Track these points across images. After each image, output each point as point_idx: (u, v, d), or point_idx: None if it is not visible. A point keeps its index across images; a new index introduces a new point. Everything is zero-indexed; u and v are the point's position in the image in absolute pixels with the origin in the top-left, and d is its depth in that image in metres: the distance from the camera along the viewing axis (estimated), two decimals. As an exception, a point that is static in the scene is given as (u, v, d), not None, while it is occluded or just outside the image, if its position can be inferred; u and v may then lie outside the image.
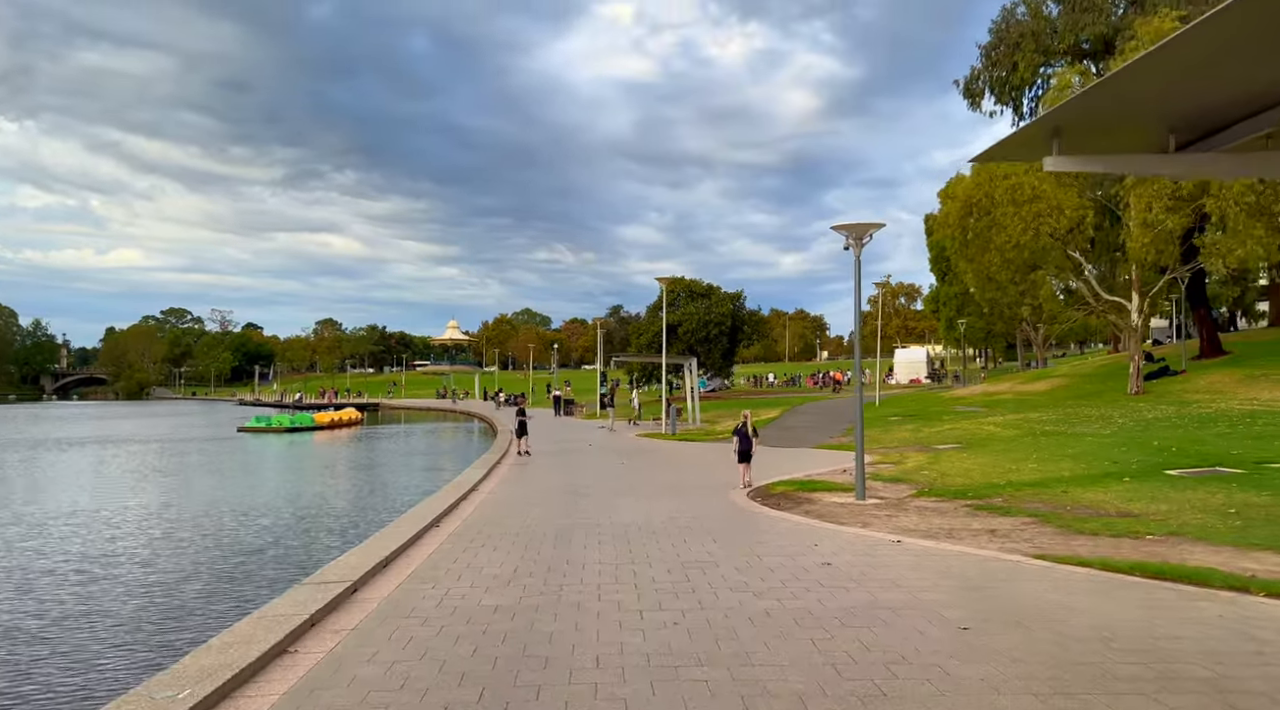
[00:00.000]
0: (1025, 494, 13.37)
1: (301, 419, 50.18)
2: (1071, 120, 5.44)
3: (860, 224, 13.36)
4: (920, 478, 16.19)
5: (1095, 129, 5.59)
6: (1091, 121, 5.48)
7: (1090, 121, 5.49)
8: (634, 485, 16.15)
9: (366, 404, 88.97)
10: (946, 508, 12.62)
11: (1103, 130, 5.61)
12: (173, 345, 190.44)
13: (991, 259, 32.26)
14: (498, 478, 17.69)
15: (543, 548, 9.81)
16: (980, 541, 10.00)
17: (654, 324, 57.49)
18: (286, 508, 20.36)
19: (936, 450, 20.96)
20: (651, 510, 12.75)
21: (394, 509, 18.36)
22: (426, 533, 10.91)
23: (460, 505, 13.51)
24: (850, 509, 12.67)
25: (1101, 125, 5.54)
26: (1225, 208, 27.36)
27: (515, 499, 14.36)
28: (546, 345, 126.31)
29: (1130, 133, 5.57)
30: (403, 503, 19.35)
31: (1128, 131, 5.58)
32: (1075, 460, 16.53)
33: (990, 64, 45.91)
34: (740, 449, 15.38)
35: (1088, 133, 5.63)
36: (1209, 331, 40.82)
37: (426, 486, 22.69)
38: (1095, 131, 5.62)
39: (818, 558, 9.03)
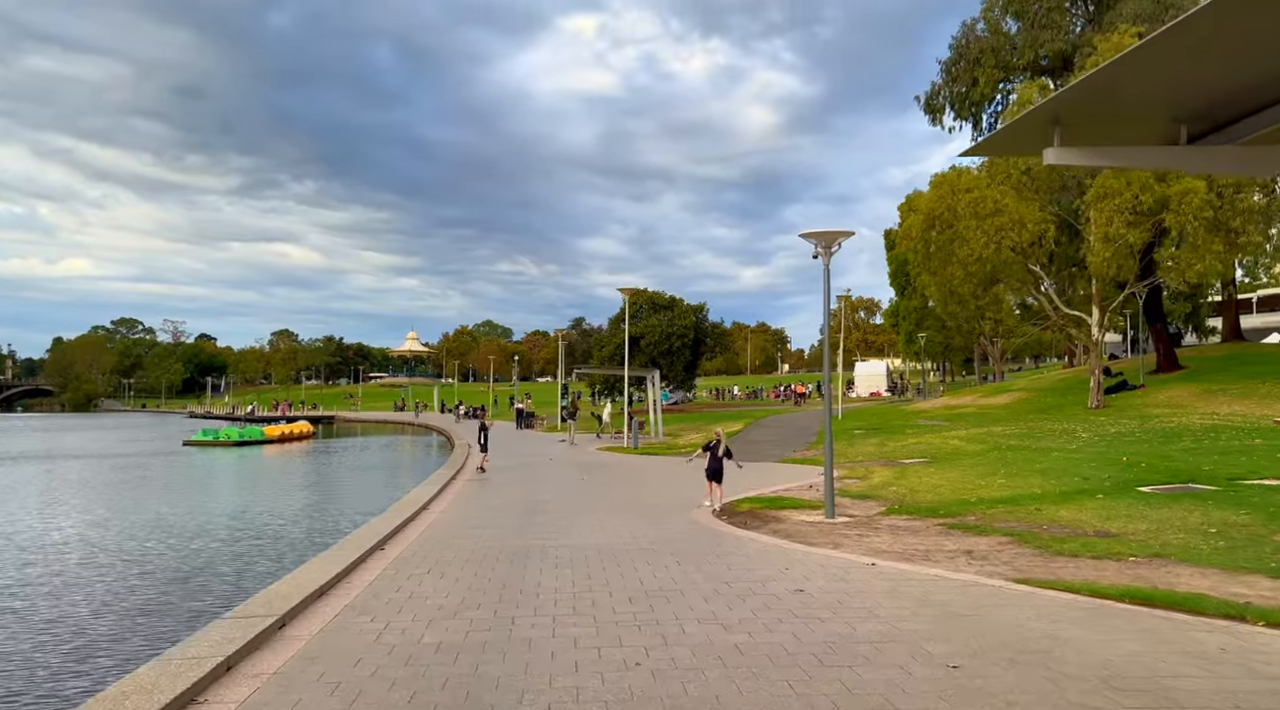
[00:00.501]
0: (998, 512, 12.95)
1: (251, 432, 48.57)
2: (1073, 109, 4.95)
3: (829, 232, 12.90)
4: (889, 494, 15.75)
5: (1099, 118, 5.10)
6: (1095, 110, 4.99)
7: (1093, 110, 4.99)
8: (594, 502, 15.49)
9: (321, 417, 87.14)
10: (919, 526, 12.14)
11: (1107, 120, 5.12)
12: (122, 356, 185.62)
13: (954, 272, 32.18)
14: (452, 495, 16.92)
15: (494, 574, 9.11)
16: (957, 564, 9.51)
17: (616, 336, 56.95)
18: (223, 528, 19.08)
19: (902, 465, 20.58)
20: (612, 530, 12.11)
21: (339, 530, 17.40)
22: (370, 557, 10.15)
23: (409, 526, 12.75)
24: (820, 528, 12.14)
25: (1106, 114, 5.05)
26: (1185, 222, 27.53)
27: (468, 518, 13.62)
28: (508, 357, 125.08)
29: (1137, 123, 5.08)
30: (349, 523, 18.38)
31: (1134, 121, 5.10)
32: (1045, 476, 16.20)
33: (951, 79, 46.21)
34: (709, 467, 14.38)
35: (1091, 122, 5.14)
36: (1165, 346, 41.21)
37: (377, 504, 21.70)
38: (1099, 121, 5.13)
39: (790, 583, 8.46)
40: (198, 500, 24.65)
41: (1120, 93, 4.71)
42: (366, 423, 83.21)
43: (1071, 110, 4.97)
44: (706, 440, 14.90)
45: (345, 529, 16.36)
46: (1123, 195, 28.22)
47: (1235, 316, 48.21)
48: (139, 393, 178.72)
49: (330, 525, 19.22)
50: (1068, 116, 5.02)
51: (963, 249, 30.93)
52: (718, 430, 15.21)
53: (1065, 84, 33.52)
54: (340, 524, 18.97)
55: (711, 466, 14.28)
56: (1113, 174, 29.05)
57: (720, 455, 14.26)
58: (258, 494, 26.64)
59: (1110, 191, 28.59)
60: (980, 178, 32.17)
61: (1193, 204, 27.38)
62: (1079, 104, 4.87)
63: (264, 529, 18.91)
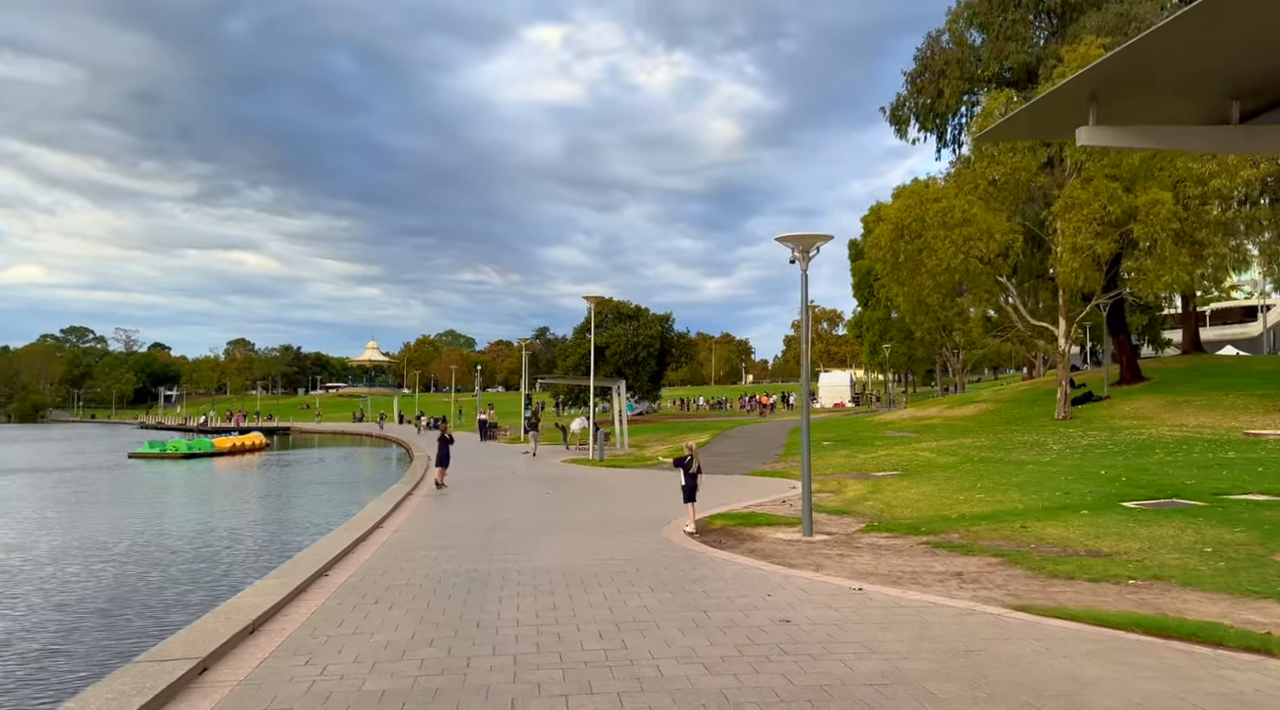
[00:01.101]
0: (982, 529, 12.39)
1: (200, 444, 46.80)
2: (1112, 82, 4.32)
3: (807, 235, 12.30)
4: (865, 509, 15.16)
5: (1141, 94, 4.46)
6: (1137, 84, 4.36)
7: (1135, 84, 4.36)
8: (560, 520, 14.70)
9: (277, 428, 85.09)
10: (901, 545, 11.52)
11: (1150, 95, 4.49)
12: (71, 365, 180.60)
13: (922, 282, 31.89)
14: (408, 511, 16.01)
15: (449, 604, 8.30)
16: (949, 588, 8.89)
17: (581, 345, 56.15)
18: (158, 550, 17.74)
19: (875, 478, 20.05)
20: (579, 550, 11.34)
21: (284, 551, 16.36)
22: (312, 584, 9.28)
23: (360, 546, 11.86)
24: (799, 547, 11.48)
25: (1149, 89, 4.42)
26: (1154, 233, 27.46)
27: (425, 538, 12.76)
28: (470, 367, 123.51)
29: (1184, 99, 4.47)
30: (296, 543, 17.35)
31: (1181, 97, 4.48)
32: (1023, 491, 15.72)
33: (916, 91, 46.20)
34: (686, 486, 13.18)
35: (1131, 98, 4.50)
36: (1129, 358, 41.37)
37: (328, 521, 20.62)
38: (1141, 97, 4.50)
39: (774, 612, 7.76)
40: (136, 518, 23.07)
41: (1167, 63, 4.10)
42: (324, 434, 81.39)
43: (1111, 84, 4.34)
44: (678, 455, 13.77)
45: (292, 550, 15.35)
46: (1090, 206, 28.12)
47: (1195, 329, 48.70)
48: (89, 403, 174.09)
49: (276, 545, 18.04)
50: (1106, 91, 4.40)
51: (931, 259, 30.64)
52: (689, 443, 13.97)
53: (1030, 96, 33.58)
54: (287, 544, 17.83)
55: (687, 487, 13.22)
56: (1080, 184, 29.01)
57: (694, 472, 13.24)
58: (202, 511, 25.12)
59: (1078, 202, 28.48)
60: (948, 188, 32.00)
61: (1160, 215, 27.34)
62: (1119, 77, 4.25)
63: (203, 551, 17.64)
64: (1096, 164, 28.82)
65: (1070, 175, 30.41)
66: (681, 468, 13.33)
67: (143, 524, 21.86)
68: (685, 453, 13.43)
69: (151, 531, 20.46)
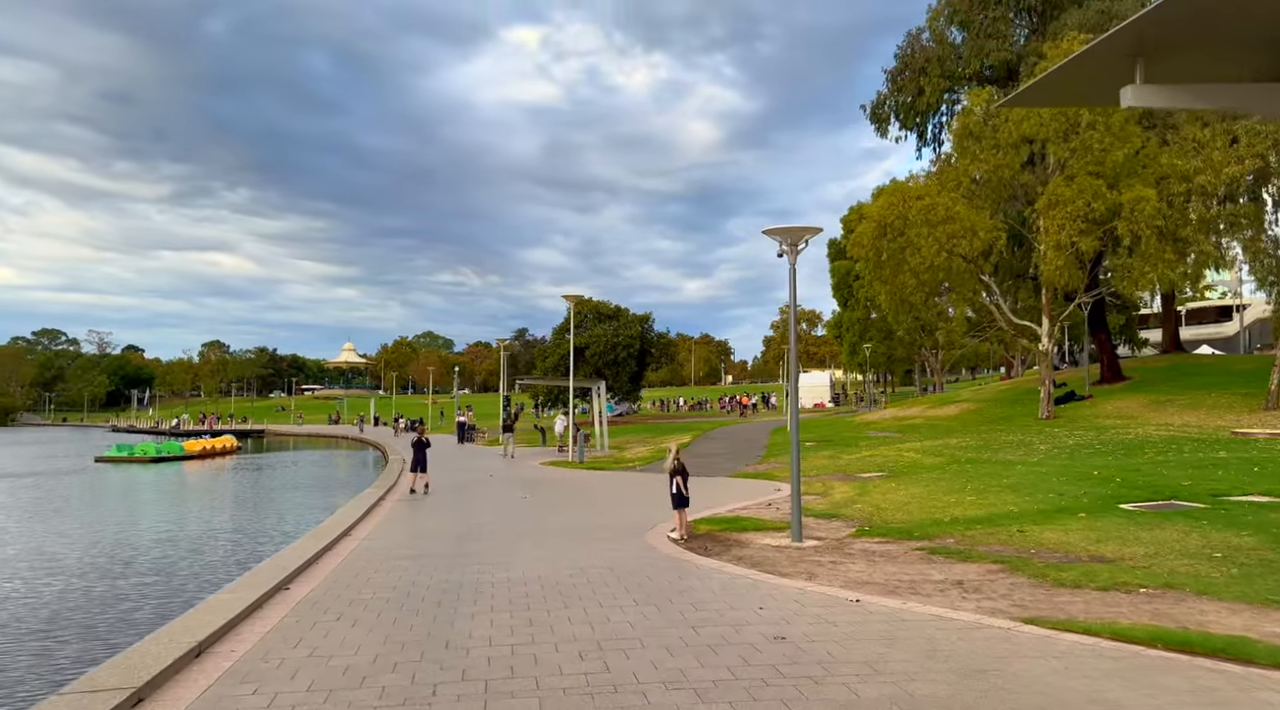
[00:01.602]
0: (978, 533, 11.91)
1: (169, 448, 45.58)
2: (1162, 36, 3.79)
3: (795, 227, 11.77)
4: (854, 512, 14.66)
5: (1194, 47, 3.91)
6: (1191, 36, 3.82)
7: (1190, 36, 3.82)
8: (538, 525, 14.08)
9: (251, 430, 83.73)
10: (895, 551, 11.01)
11: (1204, 49, 3.93)
12: (43, 368, 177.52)
13: (905, 280, 31.53)
14: (380, 517, 15.34)
15: (417, 621, 7.68)
16: (951, 598, 8.37)
17: (560, 346, 55.52)
18: (112, 562, 16.45)
19: (861, 479, 19.59)
20: (558, 558, 10.74)
21: (245, 562, 15.58)
22: (270, 599, 8.62)
23: (325, 556, 11.20)
24: (788, 554, 10.94)
25: (1204, 42, 3.87)
26: (1138, 230, 27.23)
27: (395, 546, 12.11)
28: (449, 369, 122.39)
29: (1245, 52, 3.92)
30: (259, 553, 16.55)
31: (1241, 51, 3.92)
32: (1016, 492, 15.28)
33: (896, 89, 45.94)
34: (675, 493, 12.30)
35: (1184, 53, 3.95)
36: (1110, 357, 41.29)
37: (296, 528, 19.82)
38: (1194, 51, 3.95)
39: (768, 628, 7.21)
40: (93, 527, 21.96)
41: (1228, 10, 3.55)
42: (300, 437, 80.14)
43: (1160, 38, 3.81)
44: (663, 458, 13.01)
45: (254, 560, 14.60)
46: (1074, 202, 27.87)
47: (1175, 328, 48.75)
48: (61, 406, 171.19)
49: (239, 555, 17.10)
50: (1155, 45, 3.85)
51: (914, 257, 30.28)
52: (671, 446, 12.95)
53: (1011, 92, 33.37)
54: (251, 554, 16.90)
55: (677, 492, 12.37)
56: (1063, 182, 28.75)
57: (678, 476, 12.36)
58: (164, 518, 23.84)
59: (1062, 199, 28.22)
60: (930, 185, 31.66)
61: (1145, 212, 27.11)
62: (1172, 29, 3.72)
63: (159, 562, 16.63)
64: (1079, 161, 28.57)
65: (1053, 172, 30.16)
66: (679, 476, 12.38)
67: (99, 533, 20.66)
68: (667, 454, 12.75)
69: (108, 541, 19.32)
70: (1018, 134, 29.69)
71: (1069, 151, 28.76)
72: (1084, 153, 28.18)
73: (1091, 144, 27.84)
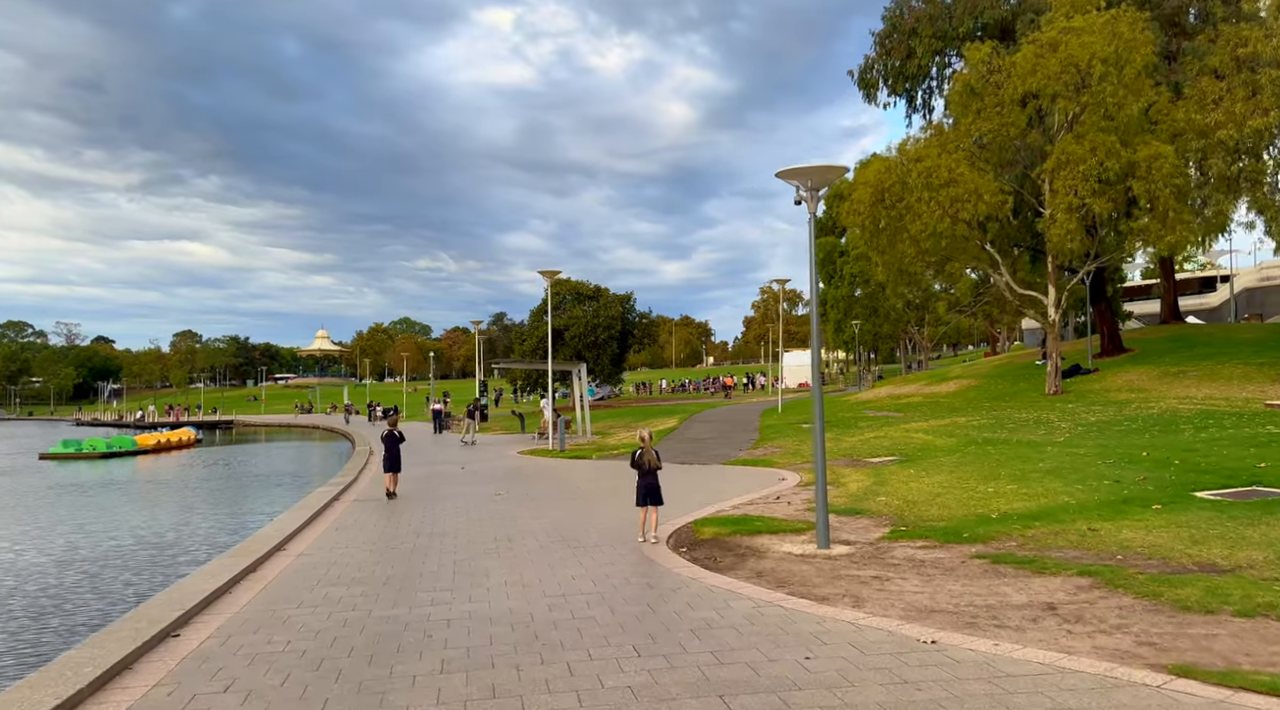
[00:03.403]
0: (1040, 533, 9.92)
1: (120, 442, 42.66)
2: None
3: (817, 167, 9.65)
4: (879, 507, 12.65)
5: None
6: None
7: None
8: (512, 531, 11.95)
9: (219, 421, 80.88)
10: (949, 560, 9.00)
11: None
12: (8, 361, 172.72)
13: (905, 250, 29.56)
14: (326, 524, 13.15)
15: (335, 691, 5.54)
16: (1053, 633, 6.35)
17: (538, 328, 53.20)
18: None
19: (873, 465, 17.62)
20: (534, 581, 8.63)
21: (151, 587, 13.10)
22: (146, 654, 6.45)
23: (243, 582, 9.03)
24: (818, 566, 8.90)
25: None
26: (1155, 190, 25.35)
27: (333, 566, 9.94)
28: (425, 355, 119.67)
29: None
30: (174, 573, 14.11)
31: None
32: (1061, 479, 13.33)
33: (885, 53, 43.79)
34: (642, 486, 10.56)
35: None
36: (1111, 329, 39.64)
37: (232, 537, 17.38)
38: None
39: (824, 694, 5.14)
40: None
41: None
42: (271, 427, 77.45)
43: None
44: (634, 452, 10.90)
45: (159, 586, 12.20)
46: (1087, 162, 25.93)
47: (1174, 298, 47.15)
48: (27, 399, 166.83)
49: (147, 575, 14.39)
50: None
51: (915, 223, 28.27)
52: (643, 432, 11.09)
53: (1014, 50, 31.29)
54: (164, 575, 14.23)
55: (645, 485, 10.54)
56: (1073, 139, 26.80)
57: (652, 468, 10.60)
58: (77, 527, 20.30)
59: (1072, 158, 26.27)
60: (931, 146, 29.60)
61: (1162, 170, 25.24)
62: None
63: (48, 590, 13.53)
64: (1091, 116, 26.61)
65: (1059, 131, 28.19)
66: (637, 465, 10.68)
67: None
68: (639, 444, 10.83)
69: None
70: (1022, 89, 27.69)
71: (1079, 106, 26.77)
72: (1096, 107, 26.21)
73: (1104, 97, 25.87)
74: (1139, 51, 26.19)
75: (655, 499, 10.59)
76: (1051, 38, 27.09)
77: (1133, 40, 26.25)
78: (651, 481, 10.60)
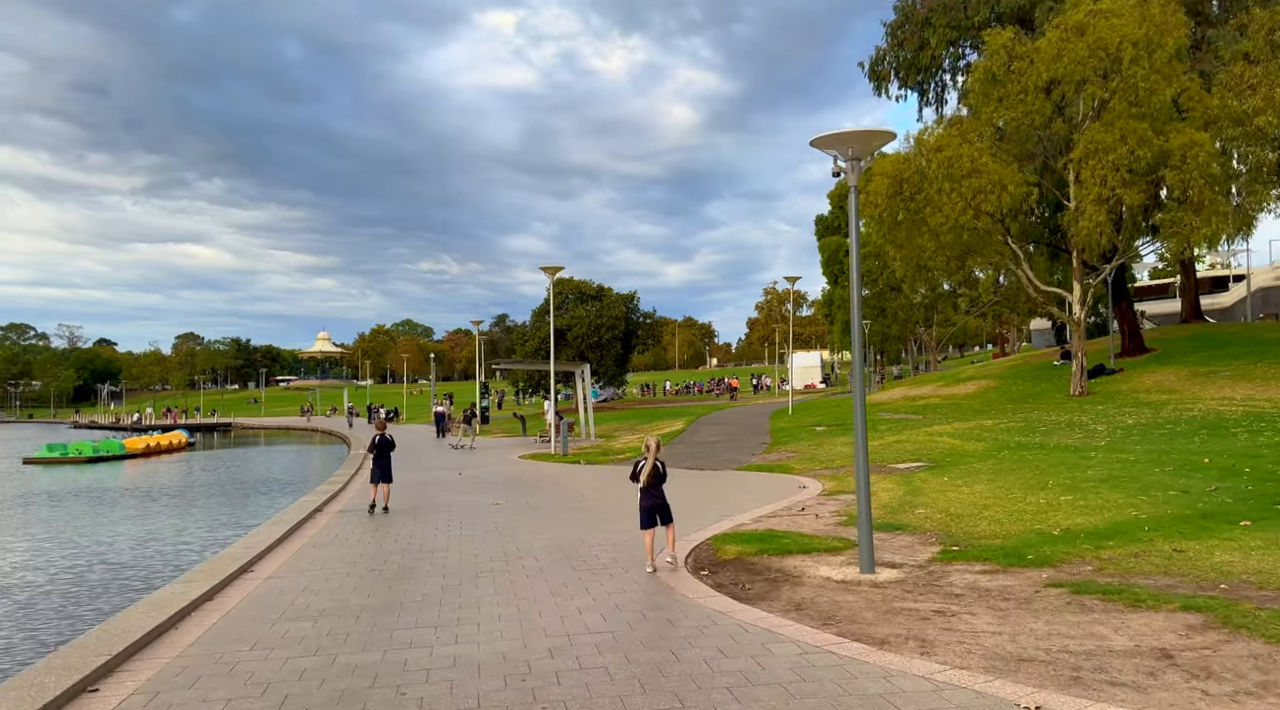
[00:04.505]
0: (1117, 554, 8.61)
1: (107, 446, 41.22)
2: None
3: (862, 132, 8.35)
4: (919, 520, 11.34)
5: None
6: None
7: None
8: (509, 549, 10.65)
9: (217, 424, 79.66)
10: (1018, 589, 7.69)
11: None
12: (9, 363, 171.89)
13: (924, 243, 28.23)
14: (303, 541, 11.85)
15: (272, 782, 4.25)
16: (1184, 695, 5.04)
17: (540, 329, 51.93)
18: None
19: (900, 472, 16.31)
20: (534, 616, 7.34)
21: (82, 625, 11.35)
22: (45, 723, 5.16)
23: (191, 616, 7.73)
24: (866, 596, 7.59)
25: None
26: (1190, 180, 24.01)
27: (303, 592, 8.65)
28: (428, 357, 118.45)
29: None
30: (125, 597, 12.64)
31: None
32: (1119, 489, 12.02)
33: (896, 44, 42.49)
34: (646, 505, 9.00)
35: None
36: (1132, 327, 38.26)
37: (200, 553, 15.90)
38: None
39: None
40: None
41: None
42: (270, 429, 76.24)
43: None
44: (636, 460, 9.31)
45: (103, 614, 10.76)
46: (1117, 150, 24.58)
47: (1195, 296, 45.75)
48: (28, 402, 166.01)
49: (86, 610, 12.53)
50: None
51: (935, 216, 26.94)
52: (649, 439, 9.40)
53: (1035, 37, 29.96)
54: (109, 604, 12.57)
55: (649, 504, 8.99)
56: (1102, 127, 25.46)
57: (656, 481, 9.04)
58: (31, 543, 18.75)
59: (1102, 146, 24.92)
60: (951, 136, 28.27)
61: (1198, 158, 23.90)
62: None
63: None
64: (1120, 103, 25.26)
65: (1085, 119, 26.85)
66: (636, 477, 9.11)
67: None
68: (643, 452, 9.22)
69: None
70: (1047, 76, 26.35)
71: (1109, 92, 25.43)
72: (1127, 93, 24.87)
73: (1136, 82, 24.52)
74: (1171, 34, 24.87)
75: (664, 516, 9.10)
76: (1078, 21, 25.76)
77: (1164, 23, 24.93)
78: (657, 498, 9.02)
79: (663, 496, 9.11)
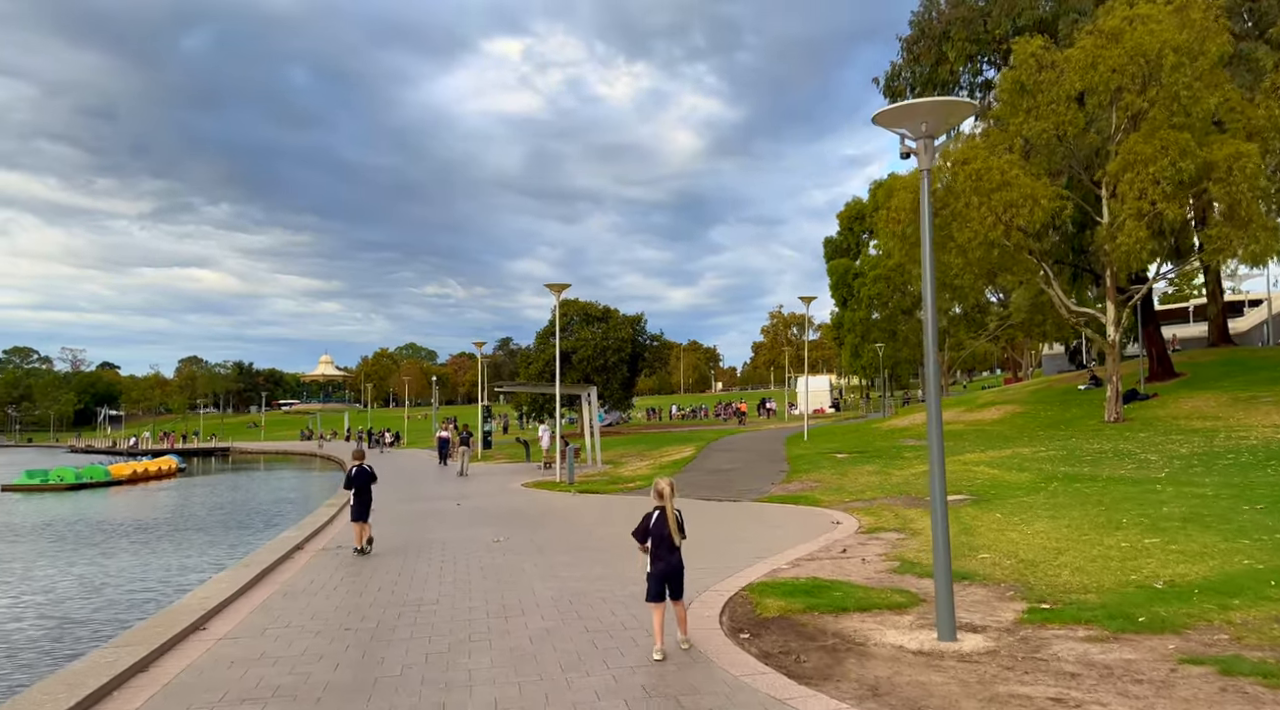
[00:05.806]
0: (1249, 617, 7.05)
1: (91, 472, 39.45)
2: None
3: (935, 102, 6.90)
4: (987, 568, 9.76)
5: None
6: None
7: None
8: (507, 604, 9.09)
9: (215, 449, 78.14)
10: (1147, 666, 6.12)
11: None
12: (11, 387, 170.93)
13: (951, 260, 26.79)
14: (273, 588, 10.31)
15: None
16: None
17: (545, 350, 50.49)
18: None
19: (943, 506, 14.68)
20: (539, 697, 5.79)
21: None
22: None
23: (124, 686, 6.17)
24: (959, 677, 6.03)
25: None
26: (1237, 194, 22.58)
27: (258, 662, 7.11)
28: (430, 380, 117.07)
29: None
30: (42, 670, 10.54)
31: None
32: (1211, 529, 10.46)
33: (913, 59, 41.33)
34: (657, 572, 6.76)
35: None
36: (1160, 351, 36.69)
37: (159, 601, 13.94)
38: None
39: None
40: None
41: None
42: (270, 454, 74.67)
43: None
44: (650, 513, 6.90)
45: (14, 691, 8.84)
46: (1158, 162, 23.17)
47: (1224, 319, 44.19)
48: (29, 425, 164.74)
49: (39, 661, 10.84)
50: None
51: (963, 232, 25.53)
52: (660, 484, 6.88)
53: (1061, 47, 28.68)
54: (33, 671, 10.48)
55: (661, 570, 6.75)
56: (1141, 138, 24.09)
57: (674, 536, 6.74)
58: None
59: (1141, 158, 23.52)
60: (978, 148, 26.91)
61: (1246, 170, 22.49)
62: None
63: None
64: (1160, 113, 23.90)
65: (1119, 131, 25.50)
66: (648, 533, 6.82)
67: None
68: (655, 502, 6.84)
69: None
70: (1080, 85, 25.05)
71: (1148, 102, 24.08)
72: (1168, 102, 23.51)
73: (1178, 90, 23.17)
74: (1214, 40, 23.56)
75: (676, 589, 6.85)
76: (1113, 27, 24.47)
77: (1206, 28, 23.64)
78: (674, 563, 6.78)
79: (680, 561, 6.85)
